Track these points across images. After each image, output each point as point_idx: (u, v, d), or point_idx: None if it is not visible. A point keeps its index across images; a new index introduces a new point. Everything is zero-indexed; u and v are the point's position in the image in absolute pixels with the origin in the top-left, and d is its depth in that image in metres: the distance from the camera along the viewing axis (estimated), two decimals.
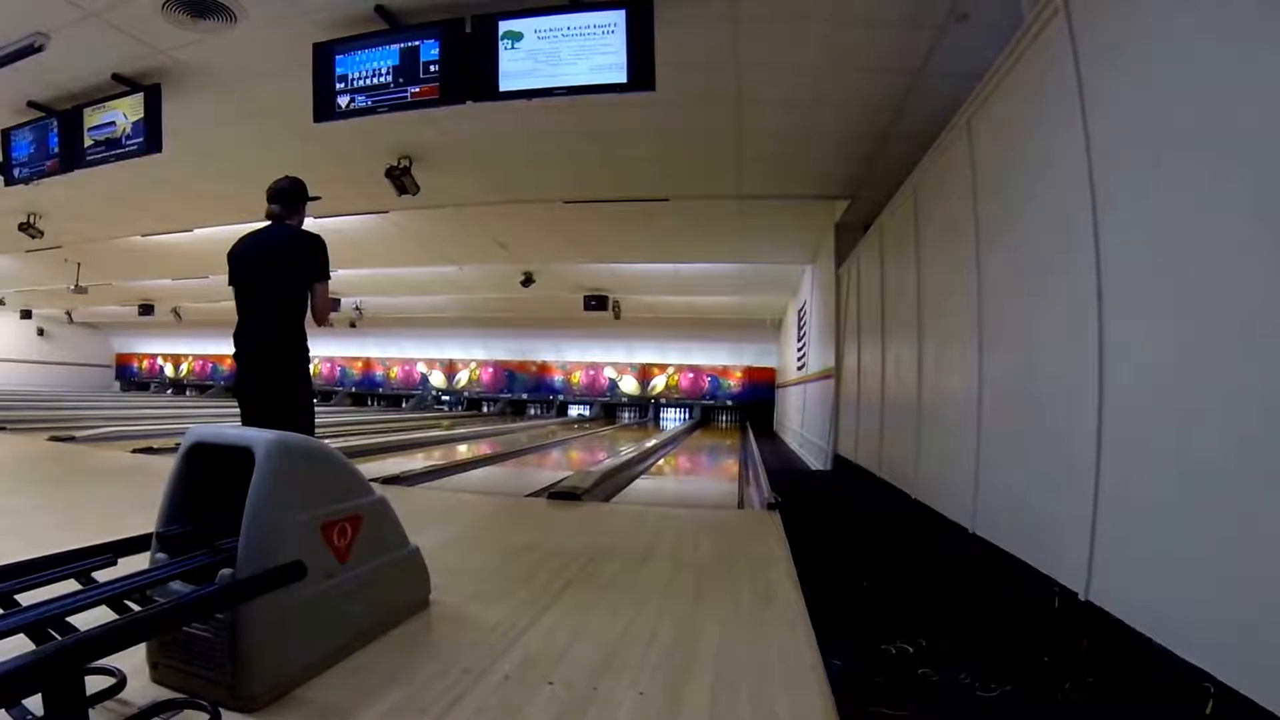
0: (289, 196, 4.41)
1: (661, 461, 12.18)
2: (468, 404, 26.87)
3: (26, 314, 25.56)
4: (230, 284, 4.25)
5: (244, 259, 4.25)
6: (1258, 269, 2.19)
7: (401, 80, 5.42)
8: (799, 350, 15.27)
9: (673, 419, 24.71)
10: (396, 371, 27.46)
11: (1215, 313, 2.38)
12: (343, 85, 5.57)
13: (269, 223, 4.39)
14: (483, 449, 12.46)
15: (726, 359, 24.59)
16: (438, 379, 26.96)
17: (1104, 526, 2.99)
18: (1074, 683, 2.61)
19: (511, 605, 3.36)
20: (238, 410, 4.25)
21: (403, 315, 22.01)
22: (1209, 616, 2.32)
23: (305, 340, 4.25)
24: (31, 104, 6.89)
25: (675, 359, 24.98)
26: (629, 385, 25.38)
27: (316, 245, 4.26)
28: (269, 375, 4.14)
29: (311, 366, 4.41)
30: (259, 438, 2.43)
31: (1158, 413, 2.69)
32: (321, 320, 4.29)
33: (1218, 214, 2.38)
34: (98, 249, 13.79)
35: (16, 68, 6.00)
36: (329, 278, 4.31)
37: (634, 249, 13.23)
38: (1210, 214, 2.42)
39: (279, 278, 4.16)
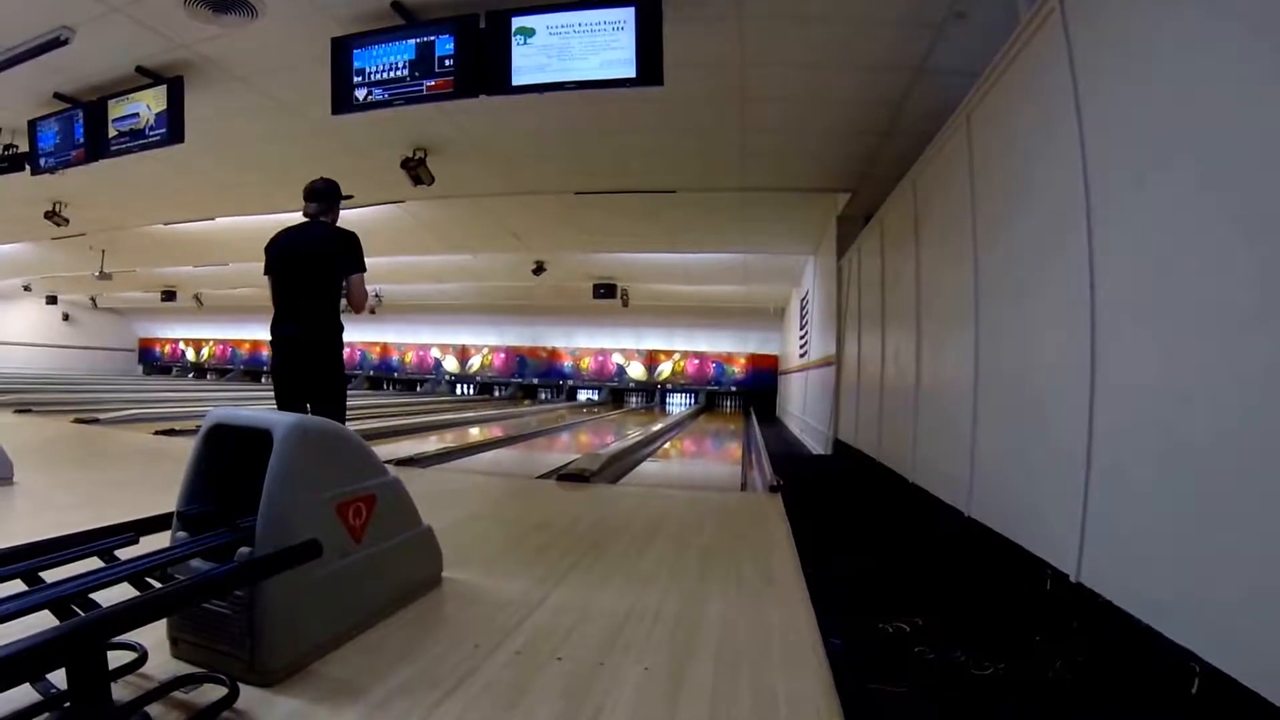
0: (326, 196, 4.52)
1: (667, 445, 12.18)
2: (480, 388, 26.90)
3: (52, 300, 25.64)
4: (266, 273, 4.35)
5: (284, 253, 4.36)
6: (1245, 263, 2.18)
7: (417, 74, 5.41)
8: (801, 338, 15.24)
9: (678, 404, 24.72)
10: (411, 356, 27.46)
11: (1203, 304, 2.37)
12: (360, 79, 5.55)
13: (305, 220, 4.48)
14: (494, 432, 12.48)
15: (731, 346, 24.56)
16: (451, 364, 26.97)
17: (1094, 511, 2.99)
18: (1064, 662, 2.61)
19: (522, 584, 3.38)
20: (256, 393, 4.32)
21: (418, 302, 22.02)
22: (1195, 599, 2.32)
23: (342, 331, 4.39)
24: (58, 95, 6.89)
25: (681, 345, 24.96)
26: (636, 371, 25.38)
27: (353, 241, 4.40)
28: (312, 363, 4.30)
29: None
30: (277, 420, 2.44)
31: (1147, 401, 2.69)
32: (360, 308, 4.42)
33: (1208, 210, 2.37)
34: (121, 237, 13.81)
35: (42, 61, 5.99)
36: (365, 269, 4.44)
37: (642, 239, 13.20)
38: (1200, 210, 2.41)
39: (320, 273, 4.30)
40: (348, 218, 4.79)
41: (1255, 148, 2.16)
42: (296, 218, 4.55)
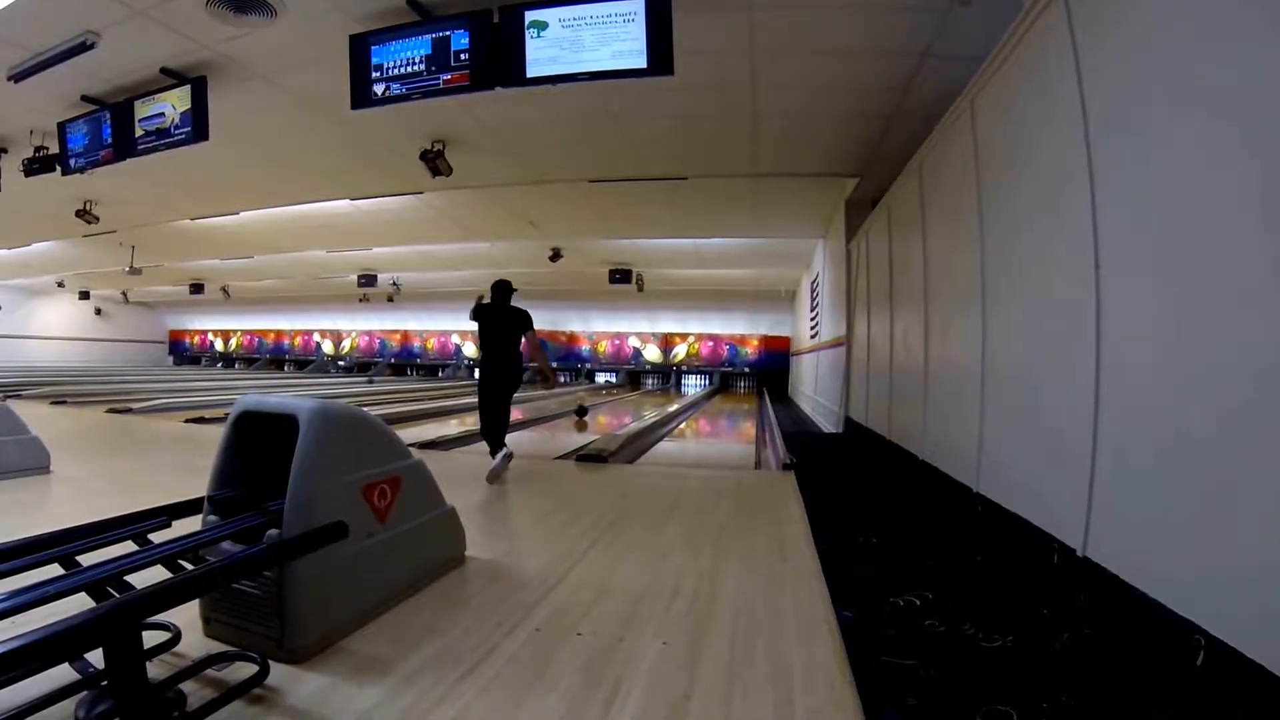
0: (509, 289, 6.31)
1: (683, 425, 12.18)
2: None
3: (85, 295, 25.84)
4: (476, 322, 6.19)
5: (488, 316, 6.12)
6: (1246, 245, 2.15)
7: (434, 68, 5.40)
8: (812, 320, 15.19)
9: (693, 385, 24.69)
10: (433, 343, 27.57)
11: (1206, 285, 2.34)
12: (378, 74, 5.55)
13: (493, 297, 6.33)
14: (515, 414, 12.48)
15: (744, 328, 24.52)
16: (472, 349, 26.95)
17: (1101, 487, 2.97)
18: (1072, 635, 2.60)
19: (542, 561, 3.39)
20: (284, 381, 4.35)
21: (437, 290, 22.01)
22: (1200, 573, 2.30)
23: (522, 365, 6.30)
24: (85, 98, 6.92)
25: (695, 328, 24.94)
26: (652, 353, 25.40)
27: (526, 313, 6.19)
28: (507, 382, 6.14)
29: (352, 346, 4.72)
30: (302, 405, 2.45)
31: (1152, 379, 2.67)
32: (537, 350, 6.31)
33: (1209, 190, 2.34)
34: (150, 233, 13.89)
35: (70, 64, 6.03)
36: (534, 329, 6.23)
37: (655, 225, 13.16)
38: (1201, 190, 2.38)
39: (509, 333, 6.09)
40: (365, 207, 4.84)
41: (1259, 129, 2.13)
42: (316, 209, 4.62)
